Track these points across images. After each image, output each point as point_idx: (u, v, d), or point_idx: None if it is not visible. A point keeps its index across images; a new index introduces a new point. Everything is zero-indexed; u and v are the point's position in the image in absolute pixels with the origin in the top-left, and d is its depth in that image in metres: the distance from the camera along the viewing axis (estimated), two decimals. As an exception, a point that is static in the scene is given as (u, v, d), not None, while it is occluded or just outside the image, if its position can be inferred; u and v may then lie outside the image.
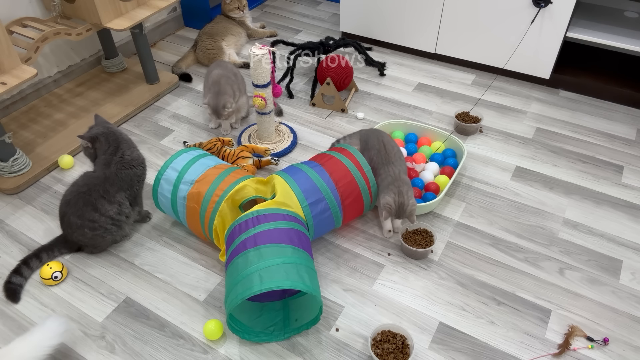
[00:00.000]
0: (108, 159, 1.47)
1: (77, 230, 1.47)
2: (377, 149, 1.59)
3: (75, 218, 1.45)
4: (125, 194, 1.50)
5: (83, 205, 1.44)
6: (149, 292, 1.45)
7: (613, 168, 1.84)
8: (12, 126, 2.03)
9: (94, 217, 1.45)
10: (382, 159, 1.56)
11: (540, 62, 2.19)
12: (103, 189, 1.45)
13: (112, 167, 1.47)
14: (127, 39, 2.50)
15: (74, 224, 1.46)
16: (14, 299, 1.43)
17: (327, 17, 2.90)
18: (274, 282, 1.16)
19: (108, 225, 1.48)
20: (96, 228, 1.47)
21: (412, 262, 1.52)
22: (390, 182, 1.50)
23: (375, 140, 1.62)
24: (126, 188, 1.50)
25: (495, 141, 1.97)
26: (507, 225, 1.63)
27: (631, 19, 2.20)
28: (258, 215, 1.32)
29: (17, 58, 1.66)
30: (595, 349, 1.30)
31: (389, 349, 1.25)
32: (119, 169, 1.47)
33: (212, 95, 1.91)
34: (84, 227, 1.46)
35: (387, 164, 1.54)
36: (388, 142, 1.62)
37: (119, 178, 1.47)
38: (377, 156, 1.58)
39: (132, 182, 1.51)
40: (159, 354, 1.30)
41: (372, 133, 1.66)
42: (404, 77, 2.36)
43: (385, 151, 1.58)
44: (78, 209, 1.44)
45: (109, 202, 1.46)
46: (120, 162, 1.48)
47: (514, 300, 1.41)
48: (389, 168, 1.53)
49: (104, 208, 1.46)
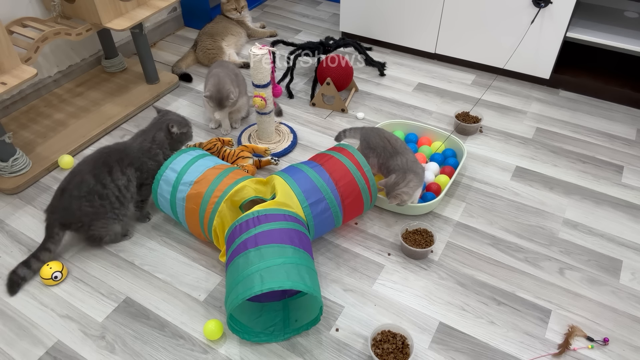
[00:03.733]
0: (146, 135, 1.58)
1: (84, 198, 1.44)
2: (382, 146, 1.61)
3: (90, 176, 1.45)
4: (136, 174, 1.53)
5: (102, 164, 1.47)
6: (149, 292, 1.45)
7: (613, 168, 1.84)
8: (12, 126, 2.03)
9: (106, 180, 1.46)
10: (388, 153, 1.60)
11: (540, 62, 2.19)
12: (119, 157, 1.50)
13: (137, 140, 1.56)
14: (127, 39, 2.50)
15: (85, 185, 1.44)
16: (12, 291, 1.43)
17: (327, 17, 2.90)
18: (275, 282, 1.16)
19: (113, 198, 1.48)
20: (103, 197, 1.46)
21: (412, 262, 1.52)
22: (401, 167, 1.55)
23: (377, 138, 1.63)
24: (137, 166, 1.53)
25: (495, 141, 1.97)
26: (507, 225, 1.63)
27: (631, 19, 2.20)
28: (259, 215, 1.32)
29: (17, 58, 1.66)
30: (595, 349, 1.30)
31: (389, 349, 1.25)
32: (144, 147, 1.55)
33: (214, 87, 1.89)
34: (93, 192, 1.45)
35: (396, 155, 1.58)
36: (390, 136, 1.65)
37: (139, 151, 1.54)
38: (383, 152, 1.60)
39: (144, 165, 1.55)
40: (159, 354, 1.30)
41: (371, 132, 1.67)
42: (404, 77, 2.36)
43: (390, 144, 1.61)
44: (96, 167, 1.47)
45: (121, 171, 1.49)
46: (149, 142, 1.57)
47: (514, 300, 1.42)
48: (398, 158, 1.57)
49: (116, 175, 1.48)
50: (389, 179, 1.53)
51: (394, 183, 1.52)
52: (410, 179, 1.51)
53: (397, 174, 1.53)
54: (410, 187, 1.51)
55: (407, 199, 1.52)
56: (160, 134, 1.59)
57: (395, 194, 1.51)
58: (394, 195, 1.51)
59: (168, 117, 1.62)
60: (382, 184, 1.55)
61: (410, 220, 1.64)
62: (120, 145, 1.55)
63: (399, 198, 1.51)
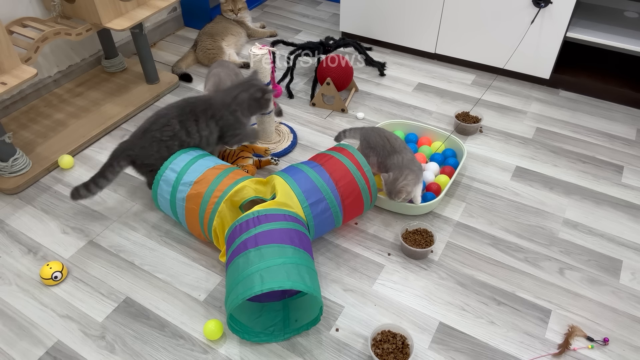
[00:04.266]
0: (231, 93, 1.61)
1: (165, 142, 1.50)
2: (381, 145, 1.62)
3: (177, 122, 1.51)
4: (216, 127, 1.58)
5: (189, 112, 1.53)
6: (149, 292, 1.45)
7: (613, 168, 1.84)
8: (12, 126, 2.03)
9: (192, 128, 1.53)
10: (387, 151, 1.60)
11: (540, 62, 2.19)
12: (204, 108, 1.55)
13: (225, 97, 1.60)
14: (127, 39, 2.50)
15: (170, 129, 1.50)
16: (76, 198, 1.57)
17: (327, 17, 2.90)
18: (275, 282, 1.16)
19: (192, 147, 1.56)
20: (184, 144, 1.53)
21: (412, 262, 1.52)
22: (397, 166, 1.55)
23: (377, 137, 1.64)
24: (218, 119, 1.58)
25: (495, 141, 1.97)
26: (507, 225, 1.63)
27: (631, 19, 2.20)
28: (259, 215, 1.32)
29: (17, 58, 1.66)
30: (595, 349, 1.30)
31: (389, 349, 1.25)
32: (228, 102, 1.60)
33: (214, 86, 1.89)
34: (175, 138, 1.51)
35: (394, 153, 1.59)
36: (390, 135, 1.65)
37: (220, 106, 1.58)
38: (382, 151, 1.61)
39: (224, 119, 1.58)
40: (159, 354, 1.30)
41: (371, 131, 1.68)
42: (404, 77, 2.36)
43: (390, 143, 1.61)
44: (183, 113, 1.53)
45: (205, 122, 1.56)
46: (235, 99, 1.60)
47: (514, 300, 1.42)
48: (395, 156, 1.58)
49: (202, 125, 1.55)
50: (387, 177, 1.54)
51: (394, 179, 1.53)
52: (406, 173, 1.53)
53: (394, 172, 1.54)
54: (409, 180, 1.52)
55: (410, 191, 1.53)
56: (244, 95, 1.60)
57: (398, 190, 1.51)
58: (397, 191, 1.52)
59: (255, 81, 1.64)
60: (383, 184, 1.55)
61: (410, 220, 1.64)
62: (204, 97, 1.59)
63: (403, 191, 1.52)
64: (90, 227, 1.65)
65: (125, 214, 1.69)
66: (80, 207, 1.71)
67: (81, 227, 1.65)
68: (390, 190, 1.53)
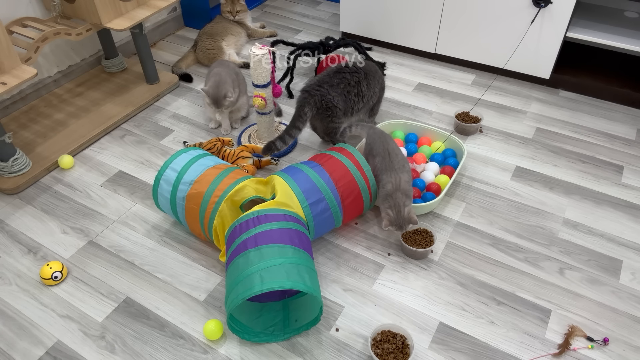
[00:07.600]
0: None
1: (352, 81, 1.72)
2: (382, 156, 1.57)
3: (362, 72, 1.75)
4: (376, 95, 1.86)
5: (374, 71, 1.80)
6: (149, 292, 1.45)
7: (613, 168, 1.84)
8: (12, 126, 2.03)
9: (371, 84, 1.78)
10: (385, 165, 1.55)
11: (540, 62, 2.19)
12: (375, 72, 1.82)
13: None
14: (127, 39, 2.50)
15: (357, 75, 1.73)
16: (265, 153, 1.67)
17: (327, 17, 2.90)
18: (275, 282, 1.16)
19: (361, 103, 1.78)
20: (360, 95, 1.75)
21: (412, 262, 1.52)
22: (390, 191, 1.47)
23: (381, 147, 1.59)
24: (380, 88, 1.87)
25: (495, 141, 1.97)
26: (507, 225, 1.63)
27: (631, 19, 2.20)
28: (259, 215, 1.32)
29: (17, 58, 1.66)
30: (595, 349, 1.30)
31: (389, 349, 1.25)
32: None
33: (213, 84, 1.90)
34: (358, 85, 1.73)
35: (390, 171, 1.52)
36: (393, 149, 1.59)
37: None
38: (381, 163, 1.56)
39: (378, 87, 1.84)
40: (159, 354, 1.30)
41: (378, 138, 1.63)
42: (404, 77, 2.36)
43: (390, 159, 1.56)
44: (369, 68, 1.79)
45: (375, 84, 1.82)
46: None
47: (514, 300, 1.42)
48: (391, 175, 1.51)
49: (374, 84, 1.80)
50: (389, 216, 1.45)
51: (397, 212, 1.44)
52: (402, 201, 1.45)
53: (391, 208, 1.45)
54: (409, 204, 1.46)
55: (414, 215, 1.46)
56: (379, 72, 1.87)
57: (407, 220, 1.45)
58: (407, 221, 1.45)
59: (375, 61, 1.98)
60: (387, 223, 1.46)
61: (410, 220, 1.64)
62: (374, 66, 1.83)
63: (412, 218, 1.45)
64: (90, 227, 1.65)
65: (125, 214, 1.69)
66: (80, 207, 1.72)
67: (81, 227, 1.65)
68: (401, 225, 1.46)
